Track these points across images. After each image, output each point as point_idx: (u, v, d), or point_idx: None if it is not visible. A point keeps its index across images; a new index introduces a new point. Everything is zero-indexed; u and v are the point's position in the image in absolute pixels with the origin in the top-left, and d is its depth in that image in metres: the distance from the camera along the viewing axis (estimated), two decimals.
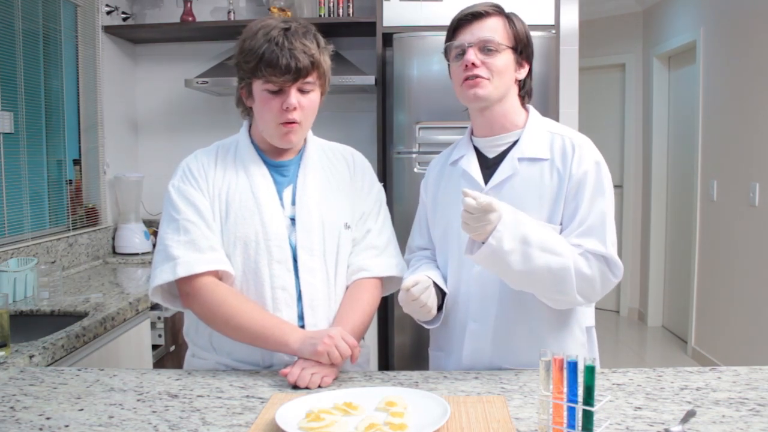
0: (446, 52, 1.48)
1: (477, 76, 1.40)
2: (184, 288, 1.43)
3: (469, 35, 1.43)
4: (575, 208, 1.39)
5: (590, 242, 1.35)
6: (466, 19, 1.44)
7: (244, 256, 1.43)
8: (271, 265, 1.43)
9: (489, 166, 1.48)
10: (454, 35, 1.46)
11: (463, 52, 1.43)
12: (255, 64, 1.39)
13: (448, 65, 1.50)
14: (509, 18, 1.45)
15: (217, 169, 1.49)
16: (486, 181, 1.46)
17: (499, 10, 1.45)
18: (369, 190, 1.58)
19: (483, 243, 1.28)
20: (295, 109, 1.40)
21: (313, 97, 1.45)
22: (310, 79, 1.41)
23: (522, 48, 1.45)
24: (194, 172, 1.48)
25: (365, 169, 1.60)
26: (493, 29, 1.42)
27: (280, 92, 1.40)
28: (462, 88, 1.44)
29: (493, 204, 1.25)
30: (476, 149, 1.52)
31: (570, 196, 1.40)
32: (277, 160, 1.51)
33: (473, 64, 1.40)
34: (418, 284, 1.35)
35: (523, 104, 1.51)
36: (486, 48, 1.41)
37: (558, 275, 1.31)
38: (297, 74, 1.38)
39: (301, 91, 1.41)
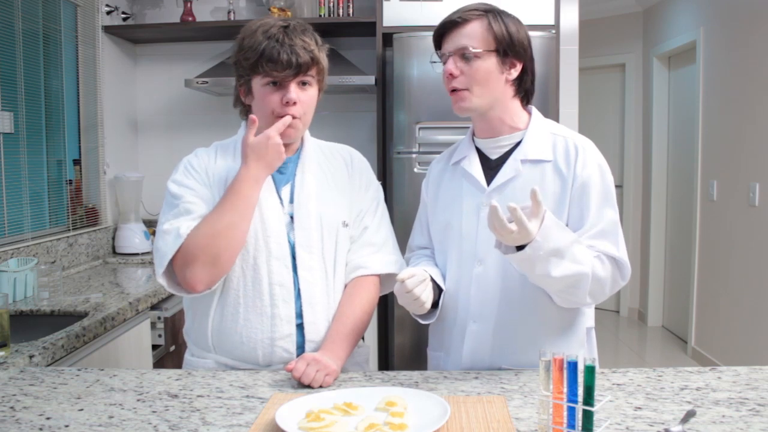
0: (439, 59, 1.48)
1: (456, 89, 1.41)
2: (178, 263, 1.38)
3: (450, 43, 1.42)
4: (582, 211, 1.39)
5: (603, 245, 1.36)
6: (446, 27, 1.43)
7: (243, 252, 1.44)
8: (269, 261, 1.43)
9: (491, 167, 1.48)
10: (439, 44, 1.46)
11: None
12: (255, 60, 1.40)
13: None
14: (490, 20, 1.40)
15: (218, 167, 1.50)
16: (488, 183, 1.46)
17: (480, 13, 1.41)
18: (367, 187, 1.59)
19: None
20: (295, 103, 1.42)
21: (312, 93, 1.47)
22: (309, 74, 1.43)
23: (507, 48, 1.40)
24: (195, 167, 1.49)
25: (363, 168, 1.61)
26: (470, 35, 1.40)
27: (279, 87, 1.42)
28: (451, 100, 1.45)
29: (527, 227, 1.20)
30: (478, 150, 1.52)
31: (575, 198, 1.40)
32: None
33: (451, 74, 1.40)
34: (414, 277, 1.34)
35: (523, 105, 1.50)
36: (464, 55, 1.40)
37: (576, 280, 1.30)
38: (298, 69, 1.40)
39: (301, 87, 1.43)
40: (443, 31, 1.44)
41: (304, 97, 1.44)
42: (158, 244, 1.42)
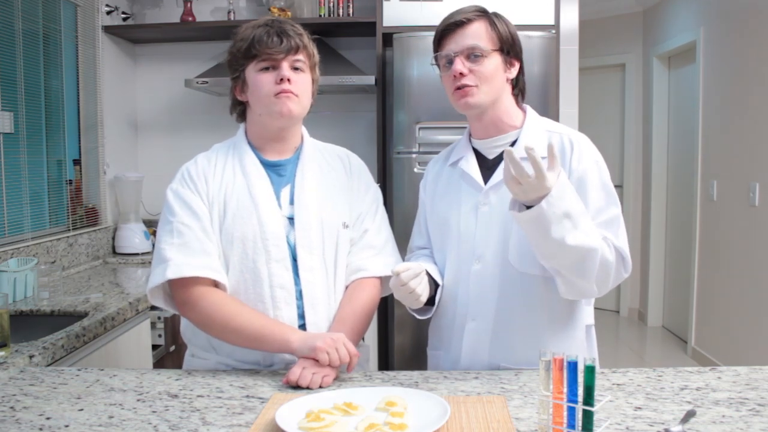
0: (436, 61, 1.49)
1: (465, 85, 1.41)
2: (179, 296, 1.43)
3: (454, 44, 1.43)
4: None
5: (606, 234, 1.36)
6: (449, 29, 1.44)
7: (242, 255, 1.44)
8: (269, 263, 1.43)
9: (489, 167, 1.48)
10: (440, 45, 1.47)
11: (451, 62, 1.43)
12: (248, 46, 1.44)
13: (440, 74, 1.50)
14: (492, 20, 1.45)
15: (216, 171, 1.50)
16: (485, 182, 1.46)
17: (481, 14, 1.45)
18: (366, 190, 1.59)
19: (526, 205, 1.25)
20: (289, 80, 1.43)
21: (305, 78, 1.48)
22: (300, 58, 1.45)
23: (509, 48, 1.45)
24: (193, 176, 1.49)
25: (361, 170, 1.61)
26: (476, 35, 1.42)
27: (272, 70, 1.44)
28: (454, 98, 1.45)
29: (544, 173, 1.19)
30: (475, 151, 1.52)
31: None
32: (274, 159, 1.52)
33: (461, 73, 1.41)
34: (409, 270, 1.34)
35: (518, 104, 1.51)
36: (472, 55, 1.41)
37: (587, 252, 1.28)
38: (288, 48, 1.43)
39: (293, 70, 1.45)
40: (446, 32, 1.45)
41: (298, 78, 1.45)
42: (153, 263, 1.45)
